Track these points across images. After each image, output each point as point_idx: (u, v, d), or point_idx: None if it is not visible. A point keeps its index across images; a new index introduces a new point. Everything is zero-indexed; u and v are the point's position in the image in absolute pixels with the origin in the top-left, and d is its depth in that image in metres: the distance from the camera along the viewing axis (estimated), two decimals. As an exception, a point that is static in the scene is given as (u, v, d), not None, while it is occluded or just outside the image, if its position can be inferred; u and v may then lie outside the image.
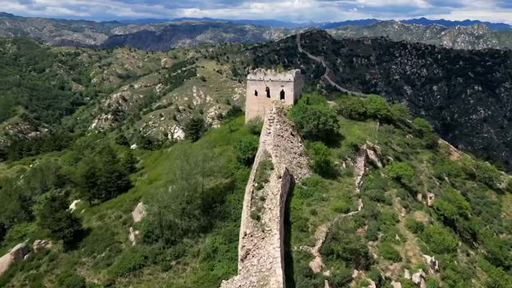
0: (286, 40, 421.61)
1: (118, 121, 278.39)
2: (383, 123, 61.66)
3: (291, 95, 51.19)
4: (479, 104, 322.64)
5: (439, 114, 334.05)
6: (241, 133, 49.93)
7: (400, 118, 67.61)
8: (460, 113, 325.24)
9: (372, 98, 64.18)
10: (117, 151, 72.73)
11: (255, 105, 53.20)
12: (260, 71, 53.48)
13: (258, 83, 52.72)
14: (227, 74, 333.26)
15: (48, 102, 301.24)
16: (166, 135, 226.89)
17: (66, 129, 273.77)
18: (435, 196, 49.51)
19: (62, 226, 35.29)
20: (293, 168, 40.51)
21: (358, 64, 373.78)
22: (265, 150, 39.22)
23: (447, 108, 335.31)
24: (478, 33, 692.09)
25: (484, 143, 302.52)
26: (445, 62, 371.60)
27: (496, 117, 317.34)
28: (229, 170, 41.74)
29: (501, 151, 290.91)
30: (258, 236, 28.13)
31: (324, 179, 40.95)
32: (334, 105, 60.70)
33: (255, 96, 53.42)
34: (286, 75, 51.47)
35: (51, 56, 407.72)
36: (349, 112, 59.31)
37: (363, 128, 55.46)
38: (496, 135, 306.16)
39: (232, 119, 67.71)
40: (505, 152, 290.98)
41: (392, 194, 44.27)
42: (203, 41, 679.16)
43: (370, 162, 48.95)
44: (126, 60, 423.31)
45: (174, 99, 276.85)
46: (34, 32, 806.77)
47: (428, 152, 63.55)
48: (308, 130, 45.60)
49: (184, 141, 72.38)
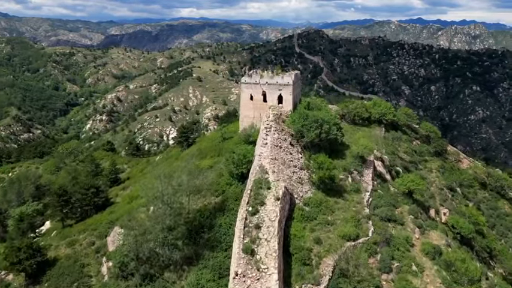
0: (283, 40, 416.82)
1: (113, 122, 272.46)
2: (388, 128, 56.98)
3: (290, 100, 46.28)
4: (478, 104, 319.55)
5: (437, 114, 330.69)
6: (235, 142, 45.14)
7: (406, 123, 62.80)
8: (459, 113, 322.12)
9: (376, 102, 59.42)
10: (103, 159, 67.44)
11: (250, 110, 48.25)
12: (256, 73, 48.51)
13: (253, 87, 47.78)
14: (224, 74, 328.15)
15: (42, 103, 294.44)
16: (161, 137, 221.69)
17: (60, 131, 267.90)
18: (449, 211, 44.94)
19: (21, 258, 30.02)
20: (293, 186, 35.54)
21: (355, 64, 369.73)
22: (261, 165, 34.39)
23: (445, 108, 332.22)
24: (474, 33, 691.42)
25: (483, 143, 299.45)
26: (442, 62, 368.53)
27: (494, 117, 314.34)
28: (220, 187, 36.72)
29: (500, 152, 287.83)
30: (252, 276, 23.23)
31: (329, 197, 36.19)
32: (336, 109, 55.70)
33: (250, 100, 48.44)
34: (285, 77, 46.59)
35: (46, 56, 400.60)
36: (352, 117, 54.61)
37: (367, 134, 50.70)
38: (495, 136, 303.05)
39: (225, 126, 62.40)
40: (504, 153, 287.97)
41: (404, 211, 39.59)
42: (200, 41, 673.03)
43: (378, 175, 44.19)
44: (121, 60, 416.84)
45: (170, 100, 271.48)
46: (30, 32, 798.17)
47: (437, 159, 58.84)
48: (309, 140, 40.72)
49: (174, 148, 66.88)
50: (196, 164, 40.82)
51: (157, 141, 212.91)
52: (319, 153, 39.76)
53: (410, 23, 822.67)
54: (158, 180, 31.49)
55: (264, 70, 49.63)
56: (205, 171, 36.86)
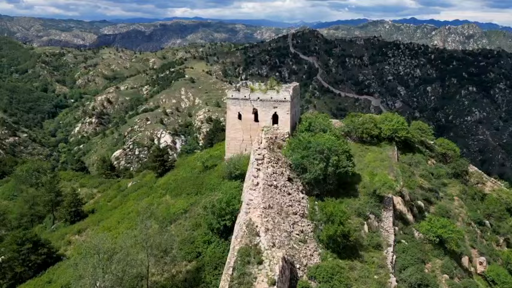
0: (278, 40, 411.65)
1: (103, 125, 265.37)
2: (400, 145, 49.87)
3: (287, 120, 38.67)
4: (474, 105, 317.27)
5: (433, 115, 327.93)
6: (218, 176, 37.56)
7: (420, 139, 55.39)
8: (455, 114, 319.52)
9: (387, 116, 52.05)
10: (71, 180, 59.83)
11: (239, 132, 40.63)
12: (245, 86, 40.88)
13: (242, 103, 40.08)
14: (217, 75, 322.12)
15: (29, 105, 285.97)
16: (152, 140, 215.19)
17: (48, 134, 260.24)
18: (484, 259, 38.33)
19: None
20: (293, 248, 26.71)
21: (351, 64, 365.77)
22: (249, 220, 25.95)
23: (442, 109, 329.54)
24: (468, 33, 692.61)
25: (480, 145, 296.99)
26: (438, 62, 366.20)
27: (491, 118, 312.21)
28: (195, 247, 28.54)
29: (497, 153, 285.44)
30: None
31: (341, 260, 27.88)
32: (340, 125, 49.11)
33: (238, 120, 40.69)
34: (281, 92, 39.01)
35: (35, 57, 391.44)
36: (360, 134, 47.45)
37: (379, 156, 43.62)
38: (492, 137, 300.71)
39: (207, 150, 54.39)
40: (501, 155, 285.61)
41: (435, 268, 32.92)
42: (194, 41, 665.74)
43: (398, 216, 36.52)
44: (113, 60, 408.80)
45: (162, 102, 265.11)
46: (21, 32, 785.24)
47: (456, 182, 51.77)
48: (313, 177, 32.65)
49: (149, 173, 58.74)
50: (168, 206, 33.56)
51: (148, 145, 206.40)
52: (326, 199, 31.69)
53: (404, 22, 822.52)
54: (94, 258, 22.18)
55: (255, 83, 42.07)
56: (178, 218, 29.46)
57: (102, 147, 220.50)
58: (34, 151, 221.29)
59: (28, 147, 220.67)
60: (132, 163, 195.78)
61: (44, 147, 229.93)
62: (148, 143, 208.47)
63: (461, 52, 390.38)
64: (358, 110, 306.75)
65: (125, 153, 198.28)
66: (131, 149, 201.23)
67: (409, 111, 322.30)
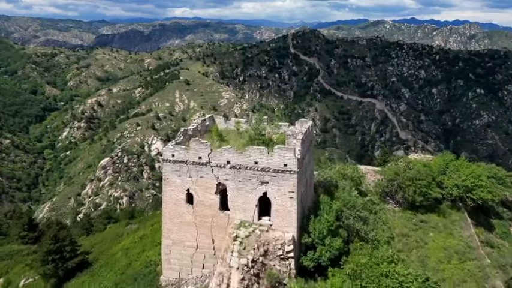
0: (277, 40, 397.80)
1: (92, 130, 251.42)
2: (468, 209, 32.52)
3: (293, 209, 19.68)
4: (482, 108, 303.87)
5: (439, 118, 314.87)
6: None
7: (500, 196, 36.08)
8: (462, 117, 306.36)
9: (444, 159, 34.00)
10: None
11: (186, 232, 21.57)
12: (201, 139, 21.81)
13: (194, 171, 20.89)
14: (214, 76, 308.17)
15: (15, 109, 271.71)
16: (142, 148, 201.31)
17: (34, 139, 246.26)
18: None
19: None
20: None
21: (353, 65, 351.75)
22: None
23: (448, 112, 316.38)
24: (469, 33, 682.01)
25: (489, 150, 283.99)
26: (443, 63, 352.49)
27: (500, 122, 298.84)
28: None
29: (507, 159, 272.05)
30: None
31: None
32: (375, 181, 32.63)
33: (186, 205, 22.29)
34: (277, 153, 19.75)
35: (25, 57, 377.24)
36: (411, 197, 30.55)
37: (448, 242, 26.92)
38: (501, 142, 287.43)
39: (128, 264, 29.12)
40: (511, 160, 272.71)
41: None
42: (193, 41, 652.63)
43: None
44: (106, 61, 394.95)
45: (154, 105, 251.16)
46: (19, 32, 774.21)
47: None
48: None
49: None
50: None
51: (138, 153, 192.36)
52: None
53: (404, 22, 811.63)
54: None
55: (226, 119, 22.50)
56: None
57: (90, 154, 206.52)
58: (17, 158, 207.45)
59: (10, 155, 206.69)
60: (120, 172, 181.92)
61: (27, 154, 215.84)
62: (138, 151, 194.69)
63: (467, 53, 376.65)
64: (361, 113, 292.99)
65: (112, 161, 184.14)
66: (119, 157, 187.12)
67: (414, 114, 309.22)
